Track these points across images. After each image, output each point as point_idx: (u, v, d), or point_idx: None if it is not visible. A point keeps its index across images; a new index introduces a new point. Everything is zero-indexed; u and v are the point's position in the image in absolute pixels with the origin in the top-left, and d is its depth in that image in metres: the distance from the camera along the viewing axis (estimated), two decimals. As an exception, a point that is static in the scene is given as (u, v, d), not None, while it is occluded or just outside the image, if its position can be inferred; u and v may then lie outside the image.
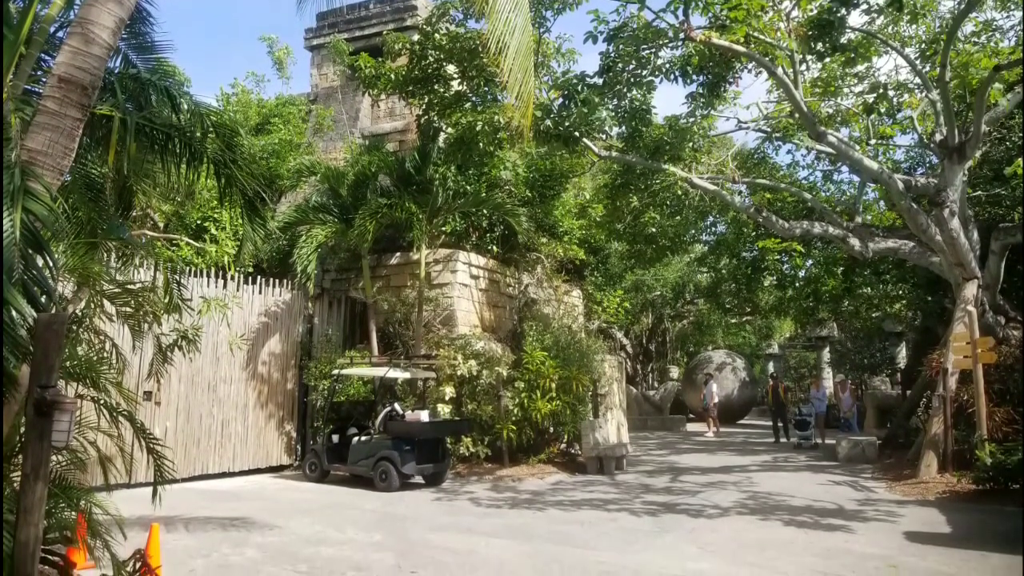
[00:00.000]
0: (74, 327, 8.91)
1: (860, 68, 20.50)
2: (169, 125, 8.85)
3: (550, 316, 21.93)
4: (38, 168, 6.14)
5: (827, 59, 18.57)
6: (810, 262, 26.47)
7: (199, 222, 19.80)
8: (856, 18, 31.16)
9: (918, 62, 18.71)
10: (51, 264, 6.72)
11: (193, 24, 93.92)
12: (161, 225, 19.01)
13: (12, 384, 6.12)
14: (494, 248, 21.60)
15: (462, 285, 20.26)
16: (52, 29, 7.72)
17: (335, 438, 16.98)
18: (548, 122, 17.30)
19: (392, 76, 18.62)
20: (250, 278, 18.50)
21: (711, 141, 23.81)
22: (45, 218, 6.04)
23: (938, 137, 17.54)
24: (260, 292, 18.49)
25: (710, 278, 33.00)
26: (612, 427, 18.12)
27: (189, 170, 9.11)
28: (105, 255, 10.36)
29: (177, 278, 11.22)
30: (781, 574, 8.57)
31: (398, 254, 20.62)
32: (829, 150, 18.59)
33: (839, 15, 16.09)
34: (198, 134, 9.03)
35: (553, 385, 17.71)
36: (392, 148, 22.65)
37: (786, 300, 28.74)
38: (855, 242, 18.89)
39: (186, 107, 9.10)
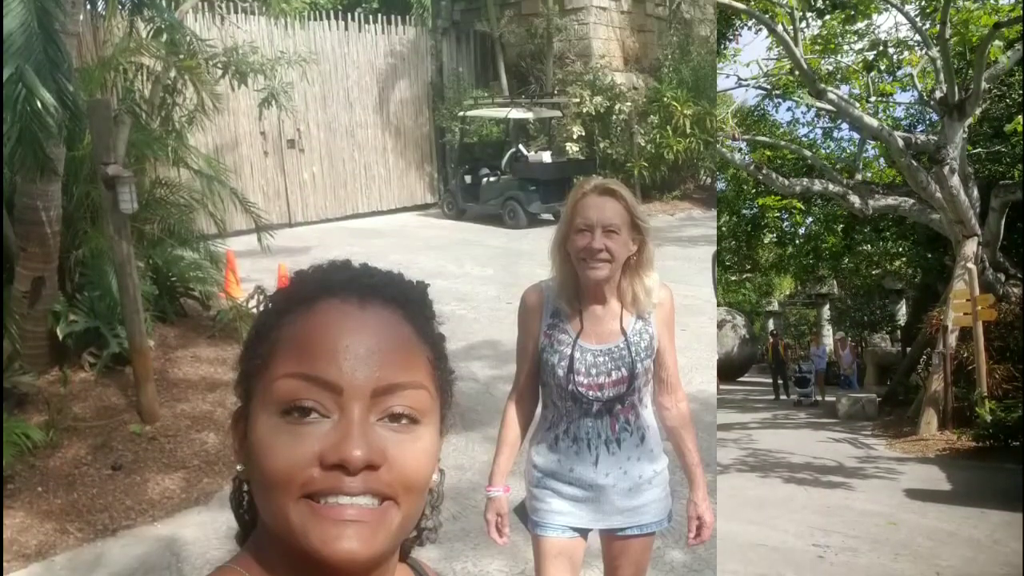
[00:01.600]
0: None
1: (860, 25, 20.28)
2: None
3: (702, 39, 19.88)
4: None
5: (827, 16, 18.46)
6: (810, 219, 26.43)
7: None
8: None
9: (918, 19, 18.53)
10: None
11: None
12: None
13: None
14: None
15: (599, 8, 18.37)
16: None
17: (467, 179, 17.35)
18: None
19: None
20: (370, 17, 17.69)
21: (711, 98, 23.68)
22: None
23: (938, 94, 17.42)
24: (383, 32, 17.83)
25: (710, 236, 32.93)
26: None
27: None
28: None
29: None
30: (781, 531, 8.62)
31: (529, -25, 18.48)
32: (829, 107, 18.43)
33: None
34: None
35: (687, 121, 17.29)
36: None
37: (786, 257, 28.64)
38: (855, 199, 18.82)
39: None
